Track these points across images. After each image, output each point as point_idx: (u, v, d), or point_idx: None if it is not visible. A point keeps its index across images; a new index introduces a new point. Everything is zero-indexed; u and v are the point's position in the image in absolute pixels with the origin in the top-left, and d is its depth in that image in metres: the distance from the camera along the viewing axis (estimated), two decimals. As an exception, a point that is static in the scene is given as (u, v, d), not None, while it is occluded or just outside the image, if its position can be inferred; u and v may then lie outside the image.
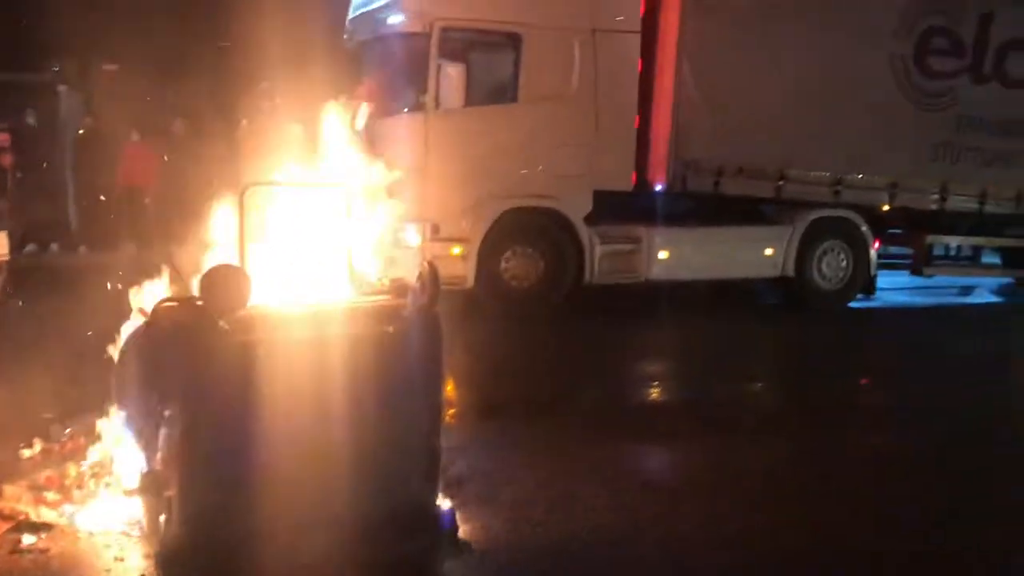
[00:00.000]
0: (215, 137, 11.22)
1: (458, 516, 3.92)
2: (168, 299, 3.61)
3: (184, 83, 13.45)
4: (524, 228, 9.20)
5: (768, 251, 10.24)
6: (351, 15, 9.87)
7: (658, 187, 9.65)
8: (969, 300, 12.56)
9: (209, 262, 3.68)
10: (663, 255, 9.58)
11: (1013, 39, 10.88)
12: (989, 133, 10.93)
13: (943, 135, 10.71)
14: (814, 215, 10.39)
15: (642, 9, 9.37)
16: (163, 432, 3.46)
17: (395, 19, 8.74)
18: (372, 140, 5.11)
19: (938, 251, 12.18)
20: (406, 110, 8.90)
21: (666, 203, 9.83)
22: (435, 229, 8.69)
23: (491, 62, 9.13)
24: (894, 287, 12.22)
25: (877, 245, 10.84)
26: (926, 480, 4.95)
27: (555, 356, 7.72)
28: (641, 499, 4.48)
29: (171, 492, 3.38)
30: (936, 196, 10.90)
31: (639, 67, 9.43)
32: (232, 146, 10.42)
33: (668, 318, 9.33)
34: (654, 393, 7.02)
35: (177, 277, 3.98)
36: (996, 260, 12.83)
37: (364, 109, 6.25)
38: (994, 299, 12.67)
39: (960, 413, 6.39)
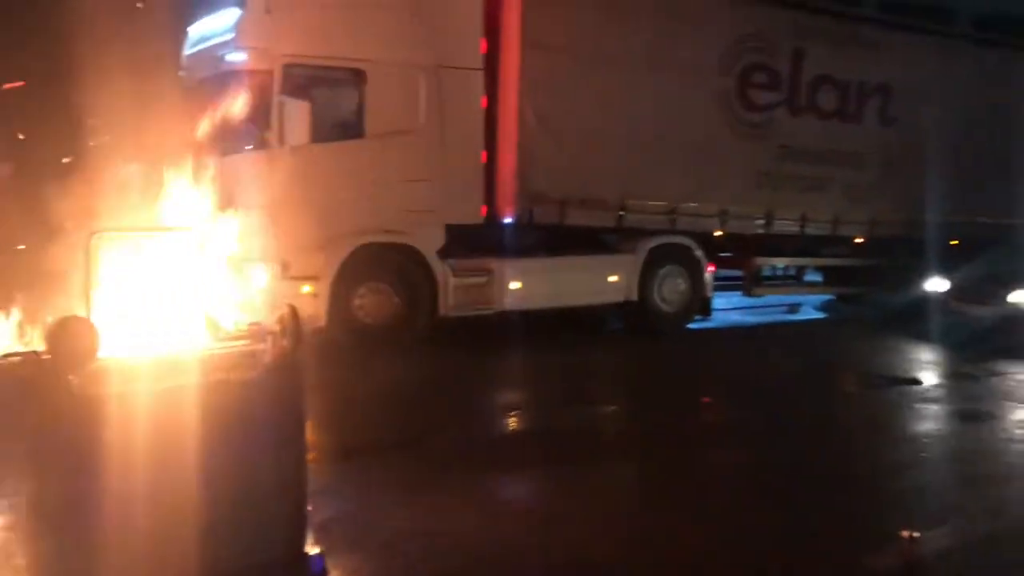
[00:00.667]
0: (45, 180, 10.58)
1: (328, 561, 3.86)
2: (10, 354, 3.41)
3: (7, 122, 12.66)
4: (377, 264, 9.16)
5: (613, 278, 10.63)
6: (187, 51, 9.58)
7: (507, 219, 9.85)
8: (795, 317, 13.44)
9: (53, 312, 3.51)
10: (515, 285, 9.78)
11: (823, 74, 11.84)
12: (806, 161, 11.81)
13: (766, 164, 11.49)
14: (654, 242, 10.88)
15: (484, 47, 9.59)
16: (8, 496, 3.26)
17: (236, 56, 8.56)
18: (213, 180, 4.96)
19: (766, 272, 13.00)
20: (250, 148, 8.72)
21: (516, 235, 10.04)
22: (284, 267, 8.52)
23: (336, 98, 9.09)
24: (728, 307, 12.95)
25: (712, 269, 11.45)
26: (772, 494, 5.26)
27: (414, 391, 7.71)
28: (512, 528, 4.55)
29: (20, 560, 3.18)
30: (762, 221, 11.66)
31: (483, 103, 9.63)
32: (66, 190, 9.85)
33: (523, 347, 9.50)
34: (514, 422, 7.13)
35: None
36: (818, 278, 13.81)
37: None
38: (817, 315, 13.63)
39: (795, 427, 6.84)
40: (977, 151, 12.67)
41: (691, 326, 11.45)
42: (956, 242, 12.83)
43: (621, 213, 10.52)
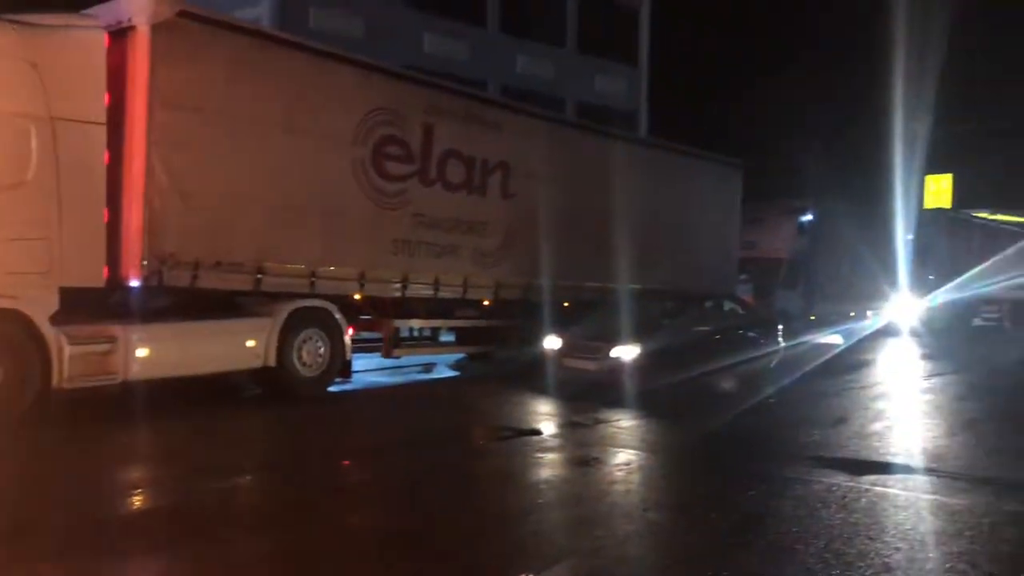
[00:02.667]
0: None
1: None
2: None
3: None
4: (-26, 332, 8.14)
5: (250, 343, 10.41)
6: None
7: (133, 282, 9.28)
8: (431, 376, 14.05)
9: None
10: (142, 353, 9.19)
11: (452, 149, 12.72)
12: (438, 229, 12.56)
13: (401, 231, 12.04)
14: (292, 306, 10.84)
15: (107, 100, 9.05)
16: None
17: None
18: None
19: (404, 334, 13.49)
20: None
21: (144, 299, 9.50)
22: None
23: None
24: (368, 369, 13.23)
25: (352, 331, 11.66)
26: (405, 549, 5.45)
27: (25, 473, 6.93)
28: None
29: None
30: (399, 285, 12.15)
31: (106, 159, 9.06)
32: None
33: (150, 419, 8.94)
34: (138, 502, 6.65)
35: None
36: (451, 338, 14.61)
37: None
38: (451, 373, 14.37)
39: (428, 481, 7.17)
40: (582, 224, 14.33)
41: (332, 389, 11.51)
42: (568, 304, 14.35)
43: (259, 276, 10.38)
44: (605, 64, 29.19)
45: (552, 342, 12.66)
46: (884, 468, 7.78)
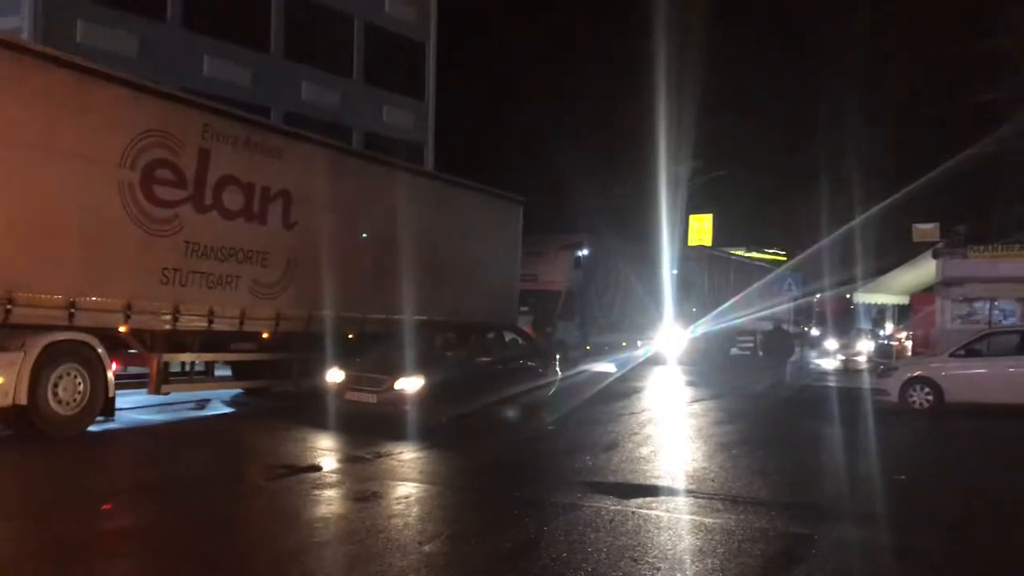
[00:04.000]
0: None
1: None
2: None
3: None
4: None
5: (-3, 380, 9.49)
6: None
7: None
8: (204, 413, 13.36)
9: None
10: None
11: (229, 175, 12.27)
12: (213, 258, 12.05)
13: (172, 260, 11.45)
14: (48, 339, 9.99)
15: None
16: None
17: None
18: None
19: (175, 368, 12.78)
20: None
21: None
22: None
23: None
24: (135, 406, 12.41)
25: (116, 366, 10.91)
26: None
27: None
28: None
29: None
30: (169, 317, 11.52)
31: None
32: None
33: None
34: None
35: None
36: (227, 373, 14.00)
37: None
38: (226, 409, 13.74)
39: (199, 524, 6.83)
40: (369, 255, 14.28)
41: (93, 428, 10.68)
42: (352, 336, 14.19)
43: (8, 307, 9.53)
44: (392, 96, 29.36)
45: (334, 375, 12.40)
46: (650, 491, 8.23)
